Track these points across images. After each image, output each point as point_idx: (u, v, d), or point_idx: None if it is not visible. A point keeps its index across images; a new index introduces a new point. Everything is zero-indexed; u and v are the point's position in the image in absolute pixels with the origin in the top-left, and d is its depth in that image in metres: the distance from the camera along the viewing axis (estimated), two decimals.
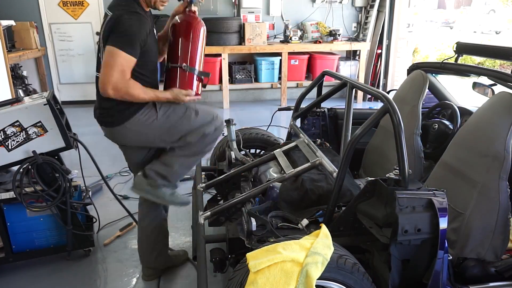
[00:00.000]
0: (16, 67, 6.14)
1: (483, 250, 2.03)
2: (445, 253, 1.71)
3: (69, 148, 2.55)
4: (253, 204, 2.19)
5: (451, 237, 2.05)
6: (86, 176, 2.89)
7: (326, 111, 3.14)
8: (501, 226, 2.01)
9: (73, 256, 2.78)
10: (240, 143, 2.97)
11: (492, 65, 9.92)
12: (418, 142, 2.58)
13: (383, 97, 1.88)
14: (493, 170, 1.98)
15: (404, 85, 2.89)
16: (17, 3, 6.69)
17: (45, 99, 2.42)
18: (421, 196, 1.66)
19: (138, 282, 2.58)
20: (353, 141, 1.90)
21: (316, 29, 7.32)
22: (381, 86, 7.58)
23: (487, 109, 2.15)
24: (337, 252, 1.64)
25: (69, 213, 2.59)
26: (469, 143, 2.14)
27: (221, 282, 2.47)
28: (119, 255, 2.86)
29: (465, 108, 2.95)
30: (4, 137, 2.38)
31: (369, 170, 2.96)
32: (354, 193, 2.08)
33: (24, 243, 2.65)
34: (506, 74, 2.28)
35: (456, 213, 2.07)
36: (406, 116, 2.55)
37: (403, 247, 1.68)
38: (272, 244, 1.65)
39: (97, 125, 2.25)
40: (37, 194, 2.48)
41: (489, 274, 2.05)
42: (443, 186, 1.82)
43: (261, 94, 7.77)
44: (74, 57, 7.16)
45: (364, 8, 7.61)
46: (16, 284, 2.59)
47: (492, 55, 2.76)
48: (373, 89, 2.09)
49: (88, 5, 6.95)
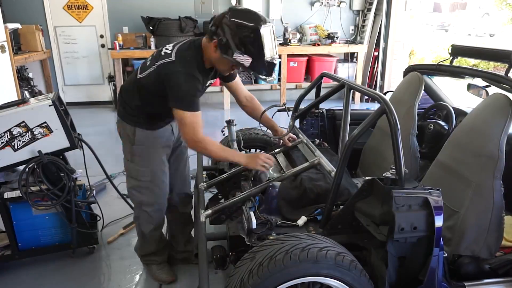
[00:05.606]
0: (22, 69, 6.21)
1: (477, 248, 2.05)
2: (441, 251, 1.71)
3: (73, 148, 2.59)
4: (253, 202, 2.21)
5: (446, 234, 2.07)
6: (90, 176, 2.92)
7: (325, 112, 3.15)
8: (495, 224, 2.03)
9: (77, 253, 2.82)
10: (240, 143, 2.98)
11: (487, 67, 9.93)
12: (414, 142, 2.60)
13: (380, 98, 1.87)
14: (487, 169, 2.00)
15: (401, 87, 2.91)
16: (23, 7, 6.74)
17: (50, 100, 2.46)
18: (417, 195, 1.66)
19: (141, 279, 2.62)
20: (351, 141, 1.90)
21: (315, 32, 7.36)
22: (378, 88, 7.61)
23: (481, 110, 2.17)
24: (335, 250, 1.65)
25: (74, 212, 2.63)
26: (464, 143, 2.15)
27: (222, 279, 2.50)
28: (123, 252, 2.90)
29: (460, 109, 2.96)
30: (10, 137, 2.41)
31: (367, 169, 2.98)
32: (351, 192, 2.08)
33: (29, 241, 2.68)
34: (500, 76, 2.30)
35: (451, 211, 2.09)
36: (402, 117, 2.57)
37: (400, 245, 1.68)
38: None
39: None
40: (43, 193, 2.51)
41: (483, 271, 2.06)
42: (439, 185, 1.83)
43: (261, 95, 7.80)
44: (78, 59, 7.23)
45: (362, 11, 7.65)
46: (22, 281, 2.62)
47: (486, 57, 2.75)
48: (370, 91, 2.08)
49: (92, 8, 7.01)
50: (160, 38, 6.62)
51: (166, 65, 2.08)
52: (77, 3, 6.96)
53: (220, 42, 1.99)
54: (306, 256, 1.59)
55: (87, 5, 6.98)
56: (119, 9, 7.05)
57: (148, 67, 2.18)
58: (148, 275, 2.65)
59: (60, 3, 6.91)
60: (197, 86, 2.12)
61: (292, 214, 2.10)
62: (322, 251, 1.62)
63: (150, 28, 6.61)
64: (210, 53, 2.08)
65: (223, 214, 2.21)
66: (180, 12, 6.92)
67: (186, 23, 6.57)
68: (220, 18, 2.00)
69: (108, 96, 7.34)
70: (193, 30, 6.71)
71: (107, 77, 7.23)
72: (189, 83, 2.07)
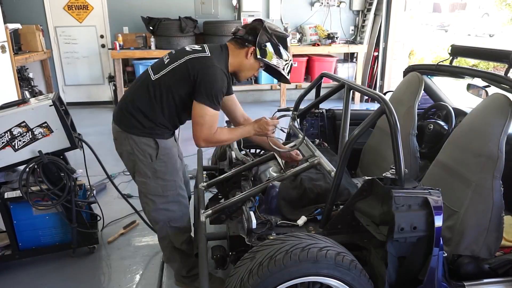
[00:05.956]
0: (23, 69, 6.22)
1: (477, 248, 2.04)
2: (440, 250, 1.71)
3: (74, 148, 2.59)
4: (253, 202, 2.21)
5: (446, 234, 2.07)
6: (90, 176, 2.92)
7: (325, 112, 3.16)
8: (495, 224, 2.03)
9: (77, 253, 2.82)
10: (240, 143, 2.99)
11: (486, 67, 9.94)
12: (414, 142, 2.60)
13: (380, 98, 1.88)
14: (487, 169, 2.00)
15: (400, 87, 2.91)
16: (23, 7, 6.75)
17: (50, 100, 2.46)
18: (417, 194, 1.66)
19: (142, 279, 2.62)
20: (351, 141, 1.91)
21: (315, 32, 7.37)
22: (378, 88, 7.62)
23: (481, 110, 2.17)
24: (335, 250, 1.65)
25: (74, 212, 2.63)
26: (463, 143, 2.15)
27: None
28: (123, 252, 2.90)
29: (460, 109, 2.96)
30: (11, 137, 2.42)
31: (366, 169, 2.98)
32: (351, 192, 2.08)
33: (30, 241, 2.68)
34: (500, 76, 2.30)
35: (451, 211, 2.09)
36: (402, 116, 2.58)
37: (400, 245, 1.68)
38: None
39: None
40: (43, 193, 2.52)
41: (483, 271, 2.06)
42: (439, 185, 1.83)
43: (261, 96, 7.81)
44: (79, 59, 7.24)
45: (361, 11, 7.66)
46: (22, 280, 2.62)
47: (486, 57, 2.74)
48: (370, 91, 2.08)
49: (92, 8, 7.02)
50: (160, 38, 6.63)
51: (202, 59, 2.09)
52: (77, 3, 6.96)
53: (261, 47, 2.17)
54: (306, 256, 1.59)
55: (87, 5, 6.99)
56: (119, 9, 7.06)
57: (168, 65, 2.14)
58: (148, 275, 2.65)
59: (60, 3, 6.92)
60: (226, 85, 2.15)
61: (292, 214, 2.10)
62: (322, 251, 1.62)
63: (150, 28, 6.61)
64: (242, 58, 2.19)
65: (223, 214, 2.22)
66: (180, 12, 6.93)
67: (186, 23, 6.58)
68: (258, 27, 2.17)
69: (108, 96, 7.33)
70: (193, 30, 6.71)
71: (107, 77, 7.24)
72: (223, 81, 2.10)
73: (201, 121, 2.09)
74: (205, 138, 2.13)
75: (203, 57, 2.10)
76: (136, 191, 2.39)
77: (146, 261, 2.81)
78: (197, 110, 2.08)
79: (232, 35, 2.25)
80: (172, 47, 6.48)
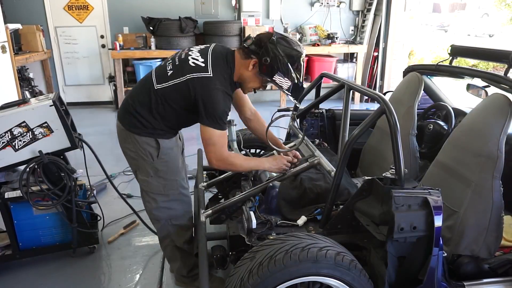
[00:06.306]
0: (23, 69, 6.23)
1: (477, 247, 2.05)
2: (440, 250, 1.71)
3: (74, 148, 2.59)
4: (253, 202, 2.22)
5: (446, 234, 2.08)
6: (90, 176, 2.92)
7: (324, 112, 3.16)
8: (495, 224, 2.03)
9: (78, 253, 2.82)
10: (240, 143, 2.98)
11: (486, 67, 9.95)
12: (413, 142, 2.60)
13: (380, 98, 1.88)
14: (486, 169, 2.00)
15: (400, 87, 2.92)
16: (23, 7, 6.75)
17: (50, 100, 2.46)
18: (416, 194, 1.66)
19: (142, 278, 2.62)
20: (351, 141, 1.91)
21: (315, 32, 7.37)
22: (377, 88, 7.63)
23: (481, 110, 2.17)
24: (335, 249, 1.65)
25: (74, 211, 2.63)
26: (463, 143, 2.16)
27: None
28: (123, 252, 2.90)
29: (460, 109, 2.96)
30: (11, 137, 2.42)
31: (366, 169, 2.99)
32: (351, 191, 2.09)
33: (30, 241, 2.69)
34: (499, 76, 2.30)
35: (451, 211, 2.09)
36: (402, 117, 2.59)
37: (399, 245, 1.69)
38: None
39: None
40: (43, 192, 2.52)
41: (483, 271, 2.07)
42: (438, 185, 1.84)
43: (261, 96, 7.80)
44: (79, 59, 7.25)
45: (361, 12, 7.66)
46: (22, 280, 2.62)
47: (486, 57, 2.74)
48: (370, 91, 2.08)
49: (92, 9, 7.03)
50: (160, 39, 6.64)
51: (204, 80, 1.99)
52: (77, 4, 6.97)
53: (262, 62, 2.01)
54: (306, 256, 1.59)
55: (88, 5, 7.00)
56: (119, 9, 7.06)
57: (171, 77, 2.06)
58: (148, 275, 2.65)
59: (60, 3, 6.92)
60: (230, 104, 2.09)
61: (292, 214, 2.11)
62: (322, 250, 1.62)
63: (151, 29, 6.62)
64: (244, 69, 2.08)
65: (223, 214, 2.22)
66: (180, 12, 6.93)
67: (186, 24, 6.58)
68: (265, 40, 2.01)
69: (108, 96, 7.34)
70: (193, 30, 6.72)
71: (107, 77, 7.24)
72: (226, 102, 2.03)
73: (210, 142, 2.05)
74: (217, 158, 2.08)
75: (205, 77, 2.00)
76: (136, 191, 2.39)
77: (146, 261, 2.82)
78: (204, 134, 2.05)
79: (242, 42, 2.18)
80: (172, 47, 6.50)
